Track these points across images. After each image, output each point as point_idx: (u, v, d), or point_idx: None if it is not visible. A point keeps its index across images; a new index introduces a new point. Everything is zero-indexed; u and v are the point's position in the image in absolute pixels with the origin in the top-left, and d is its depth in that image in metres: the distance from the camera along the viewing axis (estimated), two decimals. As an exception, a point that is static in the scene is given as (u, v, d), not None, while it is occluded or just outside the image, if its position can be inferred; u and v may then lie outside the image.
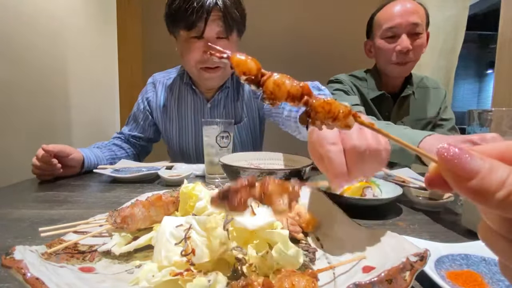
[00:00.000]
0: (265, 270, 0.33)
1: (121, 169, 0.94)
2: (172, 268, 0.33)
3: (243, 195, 0.30)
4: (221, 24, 0.90)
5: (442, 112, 1.23)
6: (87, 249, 0.39)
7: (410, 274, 0.27)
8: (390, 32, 1.09)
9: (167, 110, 1.12)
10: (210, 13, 0.88)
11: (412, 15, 1.06)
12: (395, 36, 1.09)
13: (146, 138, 1.17)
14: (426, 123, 1.21)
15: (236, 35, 0.98)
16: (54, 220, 0.55)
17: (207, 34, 0.91)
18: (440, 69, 2.04)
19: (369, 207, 0.64)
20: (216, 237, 0.34)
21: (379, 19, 1.12)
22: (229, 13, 0.90)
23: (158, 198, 0.47)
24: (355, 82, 1.24)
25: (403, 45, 1.06)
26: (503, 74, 1.51)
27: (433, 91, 1.24)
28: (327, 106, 0.29)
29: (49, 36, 1.30)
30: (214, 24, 0.90)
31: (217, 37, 0.93)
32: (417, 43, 1.08)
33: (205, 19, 0.88)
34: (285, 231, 0.39)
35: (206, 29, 0.90)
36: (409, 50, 1.07)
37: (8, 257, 0.28)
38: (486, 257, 0.39)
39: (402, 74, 1.16)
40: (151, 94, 1.14)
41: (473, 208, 0.54)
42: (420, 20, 1.06)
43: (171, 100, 1.12)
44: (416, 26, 1.06)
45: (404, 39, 1.07)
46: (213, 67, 0.97)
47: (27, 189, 0.78)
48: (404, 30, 1.07)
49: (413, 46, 1.07)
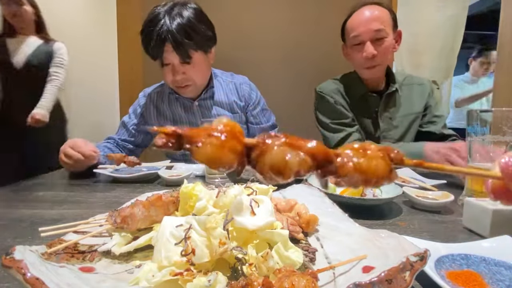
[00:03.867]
0: (265, 270, 0.33)
1: (121, 169, 0.94)
2: (172, 268, 0.33)
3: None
4: (175, 54, 1.02)
5: (429, 107, 1.28)
6: (87, 249, 0.39)
7: (410, 274, 0.27)
8: (356, 40, 1.16)
9: (161, 112, 1.22)
10: (164, 46, 1.00)
11: (373, 22, 1.12)
12: (361, 43, 1.16)
13: (135, 142, 1.23)
14: (413, 118, 1.26)
15: (202, 54, 1.08)
16: (54, 220, 0.55)
17: (169, 62, 1.05)
18: (439, 69, 2.04)
19: (369, 207, 0.64)
20: (216, 237, 0.34)
21: (347, 27, 1.20)
22: (181, 43, 1.00)
23: (158, 198, 0.46)
24: (340, 86, 1.29)
25: (368, 52, 1.13)
26: (503, 74, 1.51)
27: (418, 87, 1.29)
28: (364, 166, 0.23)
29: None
30: (171, 55, 1.02)
31: (180, 63, 1.05)
32: (381, 48, 1.14)
33: (161, 51, 1.01)
34: (285, 231, 0.39)
35: (166, 58, 1.03)
36: (374, 55, 1.13)
37: (8, 257, 0.28)
38: (486, 257, 0.39)
39: (372, 76, 1.23)
40: (144, 103, 1.24)
41: (473, 208, 0.54)
42: (382, 26, 1.12)
43: (163, 105, 1.23)
44: (378, 32, 1.12)
45: (368, 45, 1.13)
46: (183, 86, 1.10)
47: (27, 189, 0.78)
48: (367, 37, 1.13)
49: (378, 51, 1.13)
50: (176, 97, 1.20)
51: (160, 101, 1.23)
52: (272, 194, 0.51)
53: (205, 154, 0.22)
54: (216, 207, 0.42)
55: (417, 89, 1.29)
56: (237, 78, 1.29)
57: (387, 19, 1.15)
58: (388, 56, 1.18)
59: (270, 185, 0.51)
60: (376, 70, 1.19)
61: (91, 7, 1.62)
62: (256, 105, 1.27)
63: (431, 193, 0.69)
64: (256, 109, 1.27)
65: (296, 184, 0.64)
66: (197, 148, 0.23)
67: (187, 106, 1.21)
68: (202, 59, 1.10)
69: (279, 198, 0.55)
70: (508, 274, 0.37)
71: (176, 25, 0.99)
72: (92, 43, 1.63)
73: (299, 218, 0.47)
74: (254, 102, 1.26)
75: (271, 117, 1.31)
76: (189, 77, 1.08)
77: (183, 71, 1.06)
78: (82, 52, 1.54)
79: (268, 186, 0.50)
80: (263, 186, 0.50)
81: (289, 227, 0.44)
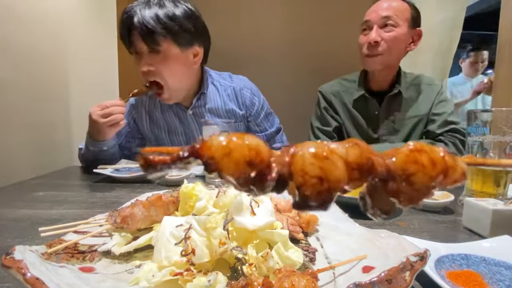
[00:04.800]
0: (265, 270, 0.33)
1: (121, 169, 0.94)
2: (172, 268, 0.33)
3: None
4: (141, 39, 0.96)
5: (434, 107, 1.19)
6: (87, 249, 0.39)
7: (410, 274, 0.27)
8: (365, 25, 1.12)
9: (154, 120, 1.17)
10: (132, 30, 0.97)
11: (385, 9, 1.08)
12: (368, 29, 1.11)
13: (131, 149, 1.20)
14: (417, 121, 1.19)
15: (176, 48, 0.99)
16: (54, 220, 0.55)
17: (137, 50, 0.99)
18: (435, 69, 2.05)
19: (369, 207, 0.64)
20: (216, 237, 0.34)
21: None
22: (149, 28, 0.94)
23: (158, 198, 0.47)
24: (340, 87, 1.27)
25: (371, 37, 1.08)
26: (503, 74, 1.51)
27: (427, 88, 1.22)
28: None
29: (49, 36, 1.30)
30: (136, 39, 0.97)
31: (148, 52, 0.98)
32: (387, 35, 1.08)
33: (128, 35, 0.98)
34: (285, 231, 0.39)
35: (133, 44, 0.99)
36: (377, 42, 1.07)
37: (8, 257, 0.28)
38: (486, 257, 0.39)
39: (373, 67, 1.16)
40: (135, 111, 1.19)
41: (473, 208, 0.54)
42: (394, 14, 1.07)
43: (156, 112, 1.17)
44: (387, 19, 1.07)
45: (373, 31, 1.08)
46: (157, 93, 1.04)
47: (27, 189, 0.78)
48: (375, 23, 1.09)
49: (383, 38, 1.07)
50: (168, 105, 1.13)
51: (152, 107, 1.17)
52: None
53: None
54: (216, 207, 0.42)
55: (425, 90, 1.21)
56: (237, 81, 1.21)
57: (403, 11, 1.09)
58: (393, 48, 1.11)
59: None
60: (377, 60, 1.12)
61: (91, 6, 1.62)
62: (259, 111, 1.19)
63: (431, 193, 0.69)
64: (260, 116, 1.20)
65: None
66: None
67: (181, 115, 1.15)
68: (176, 54, 1.00)
69: (279, 198, 0.55)
70: (508, 274, 0.37)
71: (149, 13, 0.95)
72: (92, 43, 1.63)
73: (299, 218, 0.47)
74: (257, 108, 1.19)
75: (275, 120, 1.25)
76: (158, 71, 0.99)
77: (151, 62, 0.98)
78: (82, 52, 1.53)
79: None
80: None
81: (289, 227, 0.44)
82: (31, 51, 1.19)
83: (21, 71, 1.14)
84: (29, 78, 1.18)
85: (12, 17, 1.10)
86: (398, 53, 1.14)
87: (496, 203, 0.53)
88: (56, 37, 1.33)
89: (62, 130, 1.37)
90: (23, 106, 1.15)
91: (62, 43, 1.38)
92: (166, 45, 0.97)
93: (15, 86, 1.12)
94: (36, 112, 1.22)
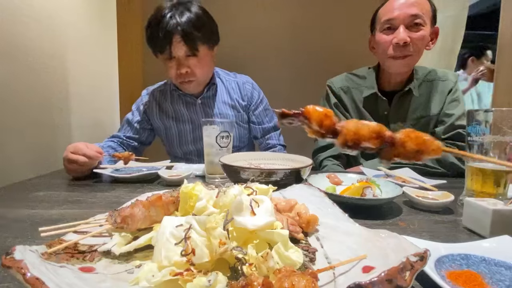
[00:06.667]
0: (265, 270, 0.33)
1: (121, 169, 0.94)
2: (172, 268, 0.33)
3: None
4: (183, 46, 1.05)
5: (446, 107, 1.12)
6: (87, 249, 0.39)
7: (410, 274, 0.27)
8: (388, 24, 1.04)
9: (163, 109, 1.24)
10: (173, 37, 1.03)
11: (412, 7, 1.01)
12: (393, 28, 1.04)
13: (140, 140, 1.25)
14: (426, 122, 1.13)
15: (207, 49, 1.11)
16: (54, 220, 0.55)
17: (176, 55, 1.07)
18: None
19: (369, 207, 0.64)
20: (216, 237, 0.34)
21: (379, 14, 1.09)
22: (190, 34, 1.04)
23: (158, 198, 0.46)
24: (350, 83, 1.21)
25: (400, 37, 1.01)
26: (503, 74, 1.51)
27: (440, 84, 1.14)
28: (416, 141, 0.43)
29: (49, 36, 1.30)
30: (178, 46, 1.05)
31: (186, 56, 1.07)
32: (417, 35, 1.01)
33: (170, 43, 1.04)
34: (285, 231, 0.39)
35: (173, 51, 1.05)
36: (406, 42, 1.01)
37: (8, 257, 0.28)
38: (486, 257, 0.39)
39: (400, 69, 1.09)
40: (146, 100, 1.25)
41: (473, 208, 0.54)
42: (421, 12, 1.01)
43: (165, 102, 1.24)
44: (415, 18, 1.01)
45: (401, 31, 1.01)
46: (186, 81, 1.12)
47: (27, 189, 0.78)
48: (401, 22, 1.02)
49: (412, 38, 1.01)
50: (178, 94, 1.22)
51: (162, 99, 1.24)
52: (272, 194, 0.51)
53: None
54: (216, 207, 0.42)
55: (438, 86, 1.13)
56: (240, 77, 1.31)
57: (428, 8, 1.04)
58: (422, 49, 1.05)
59: (270, 185, 0.51)
60: (406, 62, 1.05)
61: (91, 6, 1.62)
62: (258, 104, 1.28)
63: (431, 193, 0.69)
64: (258, 108, 1.28)
65: (296, 184, 0.64)
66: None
67: (190, 104, 1.23)
68: (207, 54, 1.12)
69: (279, 198, 0.55)
70: (508, 274, 0.37)
71: (185, 18, 1.03)
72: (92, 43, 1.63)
73: (299, 218, 0.47)
74: (256, 101, 1.28)
75: (274, 117, 1.31)
76: (193, 71, 1.09)
77: (188, 64, 1.08)
78: (81, 52, 1.53)
79: (268, 186, 0.50)
80: (263, 186, 0.50)
81: (289, 227, 0.44)
82: (31, 51, 1.19)
83: (21, 71, 1.14)
84: (29, 78, 1.18)
85: (13, 17, 1.10)
86: (422, 53, 1.08)
87: (496, 203, 0.53)
88: (56, 37, 1.33)
89: (62, 130, 1.37)
90: (23, 106, 1.15)
91: (62, 43, 1.38)
92: (202, 48, 1.08)
93: (15, 86, 1.12)
94: (36, 112, 1.22)
